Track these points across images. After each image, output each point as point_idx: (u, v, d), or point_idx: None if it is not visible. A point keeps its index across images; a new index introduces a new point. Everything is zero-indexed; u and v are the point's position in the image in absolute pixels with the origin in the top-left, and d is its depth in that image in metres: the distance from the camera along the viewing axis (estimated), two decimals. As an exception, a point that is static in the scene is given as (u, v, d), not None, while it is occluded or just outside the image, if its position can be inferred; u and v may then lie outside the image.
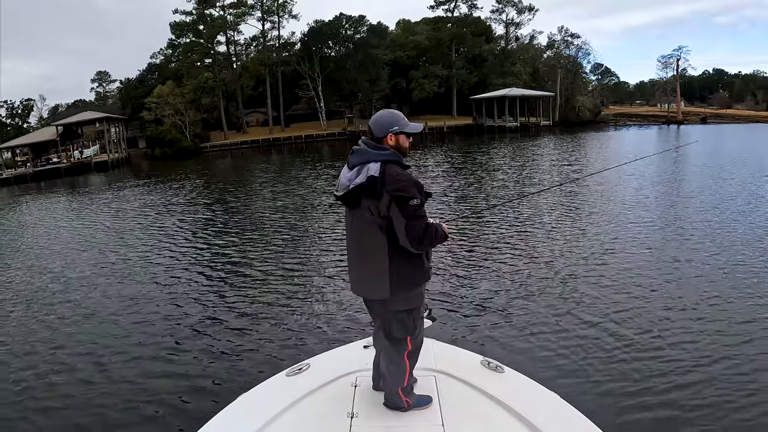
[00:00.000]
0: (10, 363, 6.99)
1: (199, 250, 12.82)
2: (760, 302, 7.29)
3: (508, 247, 11.01)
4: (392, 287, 2.64)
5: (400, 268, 2.63)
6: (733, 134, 42.10)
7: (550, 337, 6.60)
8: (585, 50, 67.06)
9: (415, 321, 2.78)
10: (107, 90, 79.51)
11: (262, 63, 62.95)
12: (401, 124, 2.70)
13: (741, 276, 8.42)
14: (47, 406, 5.82)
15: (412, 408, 2.83)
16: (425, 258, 2.72)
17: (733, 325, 6.62)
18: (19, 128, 66.25)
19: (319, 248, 11.99)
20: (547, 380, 3.43)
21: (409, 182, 2.55)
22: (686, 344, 6.20)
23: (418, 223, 2.51)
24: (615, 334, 6.55)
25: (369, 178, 2.53)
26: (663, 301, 7.58)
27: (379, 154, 2.62)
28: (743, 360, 5.75)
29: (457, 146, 41.48)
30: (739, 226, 11.62)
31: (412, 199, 2.50)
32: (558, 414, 2.80)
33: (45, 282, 10.97)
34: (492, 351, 5.93)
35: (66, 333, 7.91)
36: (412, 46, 67.19)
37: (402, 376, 2.79)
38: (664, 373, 5.56)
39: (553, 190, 17.58)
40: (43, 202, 27.42)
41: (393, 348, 2.79)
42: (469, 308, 7.75)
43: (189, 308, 8.63)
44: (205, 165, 41.80)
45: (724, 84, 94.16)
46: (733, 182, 17.36)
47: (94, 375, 6.44)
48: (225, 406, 3.01)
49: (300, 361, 3.43)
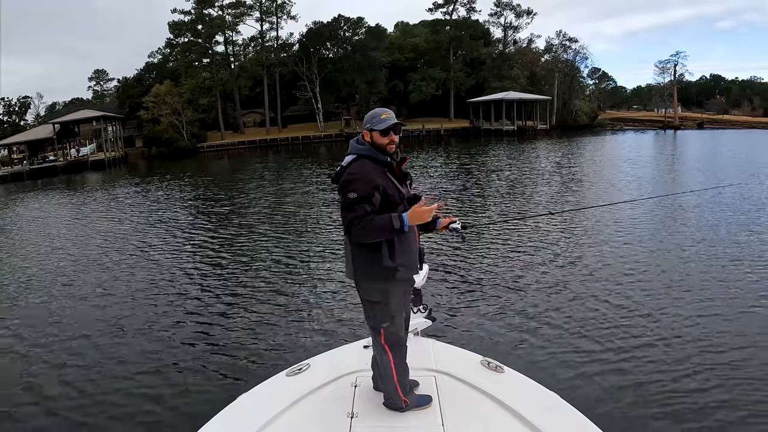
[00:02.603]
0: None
1: (197, 251, 12.78)
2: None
3: (508, 248, 11.03)
4: (356, 273, 2.82)
5: (358, 259, 2.77)
6: (739, 144, 39.20)
7: (550, 337, 6.63)
8: (583, 54, 67.44)
9: (381, 315, 2.80)
10: (105, 89, 79.37)
11: (260, 63, 62.85)
12: (373, 123, 2.77)
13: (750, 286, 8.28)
14: (48, 405, 5.80)
15: (411, 408, 2.83)
16: (386, 256, 2.69)
17: (736, 330, 6.62)
18: (16, 126, 65.87)
19: (318, 248, 11.98)
20: (547, 380, 3.43)
21: (356, 177, 2.65)
22: (687, 345, 6.23)
23: (347, 216, 2.63)
24: (615, 334, 6.58)
25: (339, 169, 2.75)
26: (664, 302, 7.61)
27: (357, 148, 2.79)
28: (744, 362, 5.77)
29: (456, 149, 41.46)
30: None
31: (349, 192, 2.63)
32: (558, 414, 2.80)
33: (33, 285, 10.84)
34: (492, 351, 5.93)
35: (65, 333, 7.87)
36: (410, 49, 67.23)
37: (388, 367, 2.82)
38: (664, 374, 5.59)
39: (568, 192, 17.61)
40: (38, 200, 27.28)
41: (372, 334, 2.90)
42: (469, 308, 7.77)
43: (188, 308, 8.62)
44: (202, 165, 41.73)
45: (721, 89, 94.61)
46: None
47: (94, 375, 6.42)
48: (225, 406, 3.00)
49: (300, 361, 3.43)
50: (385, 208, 2.68)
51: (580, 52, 66.86)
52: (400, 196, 2.78)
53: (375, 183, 2.66)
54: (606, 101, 75.30)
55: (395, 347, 2.85)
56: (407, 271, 2.83)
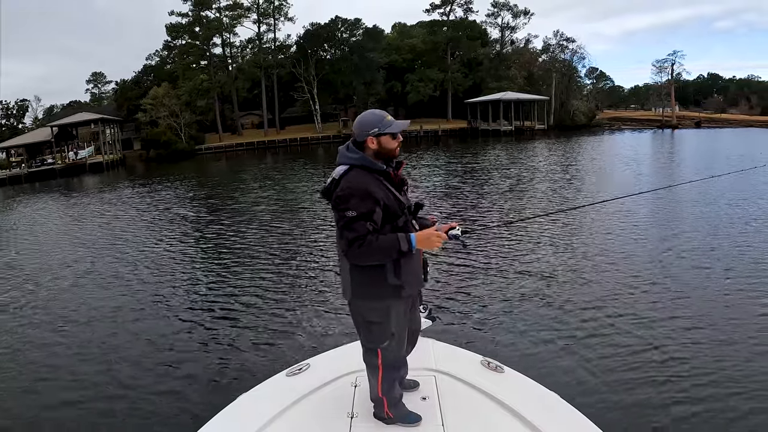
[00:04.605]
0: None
1: (196, 252, 12.78)
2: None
3: (508, 248, 11.03)
4: (353, 292, 2.59)
5: (358, 276, 2.54)
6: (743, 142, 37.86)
7: (550, 337, 6.62)
8: (580, 54, 67.54)
9: (380, 335, 2.62)
10: (102, 91, 79.35)
11: (258, 65, 62.91)
12: (382, 125, 2.50)
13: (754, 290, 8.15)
14: (46, 406, 5.78)
15: (395, 422, 2.72)
16: (391, 274, 2.50)
17: (737, 332, 6.56)
18: (13, 129, 65.89)
19: (318, 249, 11.97)
20: (547, 380, 3.43)
21: (353, 193, 2.39)
22: (688, 345, 6.21)
23: (346, 235, 2.39)
24: (615, 334, 6.57)
25: (330, 181, 2.50)
26: (665, 302, 7.60)
27: (348, 157, 2.51)
28: (745, 364, 5.75)
29: (452, 149, 41.46)
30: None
31: (347, 210, 2.38)
32: (558, 414, 2.80)
33: (30, 286, 10.83)
34: (492, 351, 5.92)
35: (62, 333, 7.86)
36: (407, 50, 67.26)
37: (375, 383, 2.70)
38: (664, 374, 5.58)
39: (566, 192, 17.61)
40: (36, 203, 27.24)
41: (365, 353, 2.73)
42: (469, 308, 7.76)
43: (187, 308, 8.60)
44: (200, 167, 41.71)
45: (718, 88, 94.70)
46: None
47: (93, 376, 6.41)
48: (225, 406, 3.00)
49: (300, 361, 3.42)
50: (386, 221, 2.46)
51: (577, 52, 67.07)
52: (401, 206, 2.52)
53: (375, 197, 2.40)
54: (603, 101, 75.38)
55: (389, 369, 2.68)
56: (413, 288, 2.63)
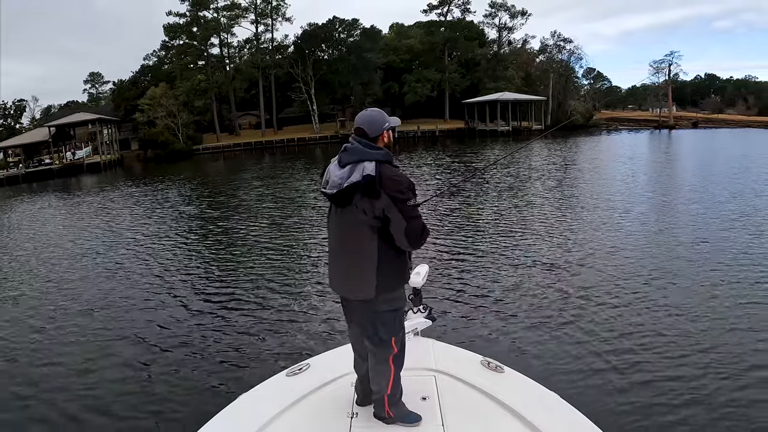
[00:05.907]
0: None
1: (195, 252, 12.77)
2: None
3: (508, 248, 11.05)
4: (378, 288, 2.59)
5: (387, 269, 2.59)
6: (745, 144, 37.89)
7: (550, 337, 6.64)
8: (577, 55, 67.55)
9: (401, 321, 2.76)
10: (100, 91, 79.35)
11: (255, 65, 62.85)
12: (391, 120, 2.72)
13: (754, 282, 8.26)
14: (44, 404, 5.79)
15: (395, 422, 2.73)
16: (409, 258, 2.74)
17: (738, 331, 6.60)
18: (11, 129, 65.68)
19: (317, 248, 11.95)
20: (547, 380, 3.44)
21: (406, 183, 2.53)
22: (689, 346, 6.24)
23: (417, 224, 2.52)
24: (616, 334, 6.59)
25: (366, 177, 2.47)
26: (666, 301, 7.63)
27: (374, 153, 2.55)
28: (746, 365, 5.76)
29: (454, 150, 41.49)
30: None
31: (409, 200, 2.51)
32: (558, 414, 2.80)
33: (29, 286, 10.82)
34: (492, 351, 5.91)
35: (63, 334, 7.85)
36: (405, 50, 67.26)
37: (386, 382, 2.71)
38: (665, 374, 5.60)
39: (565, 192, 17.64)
40: (33, 203, 27.17)
41: (378, 351, 2.71)
42: (469, 308, 7.78)
43: (186, 308, 8.60)
44: (198, 167, 41.66)
45: (715, 89, 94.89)
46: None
47: (93, 375, 6.40)
48: (225, 406, 3.00)
49: (300, 361, 3.42)
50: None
51: (574, 52, 67.09)
52: None
53: (415, 186, 2.62)
54: (601, 101, 75.47)
55: (398, 358, 2.75)
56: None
